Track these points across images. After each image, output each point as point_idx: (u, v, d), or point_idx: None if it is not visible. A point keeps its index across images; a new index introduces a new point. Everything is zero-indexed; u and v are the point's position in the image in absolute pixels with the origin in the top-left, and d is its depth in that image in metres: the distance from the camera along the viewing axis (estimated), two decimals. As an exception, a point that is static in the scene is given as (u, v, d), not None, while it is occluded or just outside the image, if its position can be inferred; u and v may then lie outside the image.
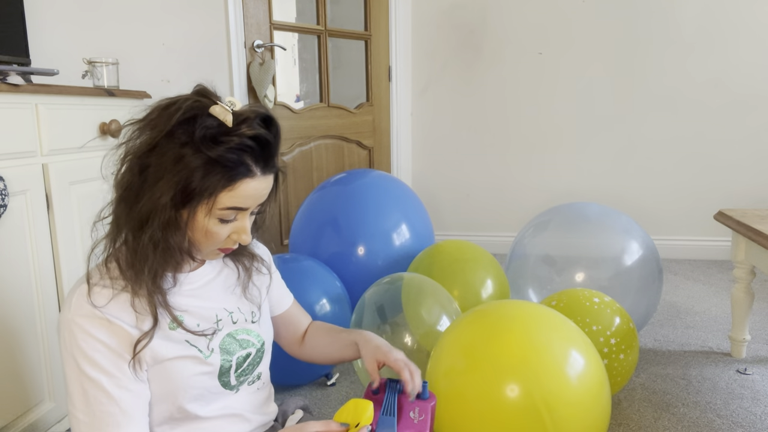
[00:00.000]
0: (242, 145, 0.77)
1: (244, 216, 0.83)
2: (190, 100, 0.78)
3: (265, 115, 0.81)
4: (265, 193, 0.83)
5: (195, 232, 0.81)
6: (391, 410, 0.90)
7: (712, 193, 3.17)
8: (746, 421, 1.61)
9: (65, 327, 0.79)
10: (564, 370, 1.20)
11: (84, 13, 1.86)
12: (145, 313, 0.81)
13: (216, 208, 0.79)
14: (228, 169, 0.77)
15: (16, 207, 1.28)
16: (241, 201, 0.80)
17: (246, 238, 0.83)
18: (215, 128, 0.76)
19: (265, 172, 0.81)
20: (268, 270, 1.03)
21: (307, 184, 2.97)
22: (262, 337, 0.97)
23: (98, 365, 0.78)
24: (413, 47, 3.42)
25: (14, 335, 1.29)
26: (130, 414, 0.80)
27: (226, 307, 0.92)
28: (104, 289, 0.80)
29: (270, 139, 0.80)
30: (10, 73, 1.31)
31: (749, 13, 2.98)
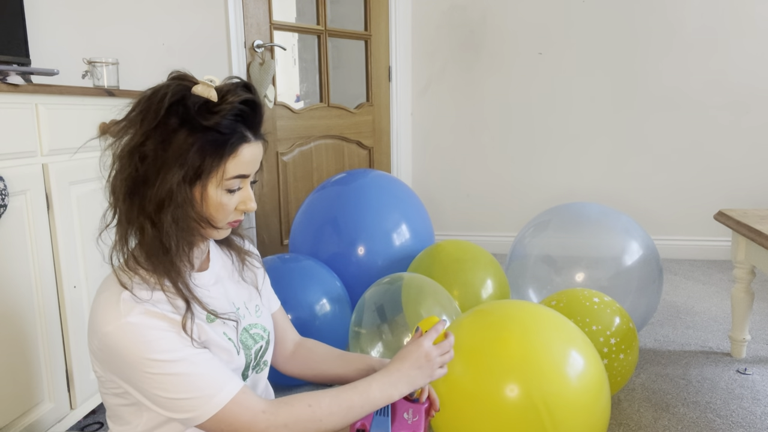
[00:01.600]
0: (235, 111, 0.81)
1: (247, 184, 0.87)
2: (172, 85, 0.80)
3: (245, 82, 0.85)
4: (259, 159, 0.87)
5: (210, 207, 0.84)
6: (386, 411, 0.92)
7: (712, 193, 3.17)
8: (746, 421, 1.61)
9: (122, 334, 0.77)
10: (564, 370, 1.20)
11: (84, 13, 1.86)
12: (178, 300, 0.82)
13: (225, 179, 0.82)
14: (227, 137, 0.81)
15: (16, 207, 1.28)
16: (244, 167, 0.83)
17: (252, 204, 0.87)
18: (204, 104, 0.80)
19: (257, 137, 0.86)
20: (261, 265, 1.06)
21: (307, 184, 2.97)
22: (267, 328, 1.00)
23: (177, 348, 0.78)
24: (413, 47, 3.42)
25: (15, 335, 1.29)
26: (227, 373, 0.82)
27: (234, 302, 0.95)
28: (141, 288, 0.81)
29: (257, 103, 0.84)
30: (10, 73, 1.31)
31: (749, 14, 2.98)
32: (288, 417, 0.82)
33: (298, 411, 0.82)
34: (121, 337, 0.77)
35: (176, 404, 0.78)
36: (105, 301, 0.80)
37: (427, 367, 0.90)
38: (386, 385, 0.88)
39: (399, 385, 0.88)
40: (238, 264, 1.00)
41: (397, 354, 0.92)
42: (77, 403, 1.47)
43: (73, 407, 1.47)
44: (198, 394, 0.78)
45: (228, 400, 0.79)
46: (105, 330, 0.78)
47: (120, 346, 0.77)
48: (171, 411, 0.79)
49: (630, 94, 3.19)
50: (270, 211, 2.80)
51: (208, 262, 0.94)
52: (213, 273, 0.93)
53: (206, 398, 0.78)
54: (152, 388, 0.78)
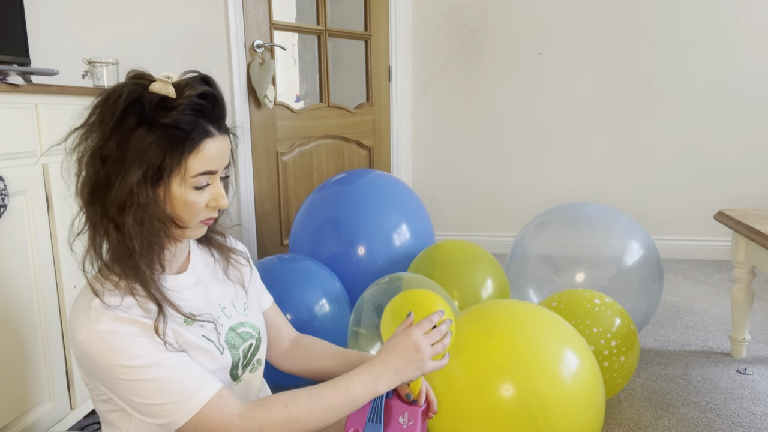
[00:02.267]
0: (193, 105, 0.79)
1: (216, 180, 0.84)
2: (128, 84, 0.79)
3: (203, 75, 0.83)
4: (227, 155, 0.85)
5: (175, 206, 0.82)
6: (378, 417, 0.88)
7: (712, 193, 3.17)
8: (746, 421, 1.61)
9: (93, 342, 0.77)
10: (557, 369, 1.20)
11: (84, 13, 1.86)
12: (150, 304, 0.81)
13: (189, 176, 0.80)
14: (187, 133, 0.79)
15: (16, 207, 1.28)
16: (209, 163, 0.81)
17: (224, 201, 0.85)
18: (162, 101, 0.78)
19: (221, 131, 0.83)
20: (247, 262, 1.04)
21: (307, 184, 2.97)
22: (257, 326, 0.99)
23: (148, 353, 0.77)
24: (413, 47, 3.42)
25: (14, 335, 1.29)
26: (202, 375, 0.80)
27: (219, 302, 0.94)
28: (111, 294, 0.80)
29: (216, 95, 0.82)
30: (10, 73, 1.31)
31: (750, 14, 2.98)
32: (264, 419, 0.80)
33: (275, 413, 0.81)
34: (93, 344, 0.77)
35: (152, 409, 0.78)
36: (77, 309, 0.80)
37: (416, 359, 0.85)
38: (369, 380, 0.84)
39: (384, 379, 0.85)
40: (222, 262, 0.99)
41: (384, 344, 0.89)
42: (77, 403, 1.47)
43: (73, 407, 1.47)
44: (172, 398, 0.77)
45: (202, 404, 0.78)
46: (78, 338, 0.78)
47: (93, 353, 0.77)
48: (148, 416, 0.79)
49: (630, 94, 3.19)
50: (270, 211, 2.80)
51: (188, 263, 0.93)
52: (193, 274, 0.92)
53: (180, 403, 0.78)
54: (128, 394, 0.78)
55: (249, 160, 2.63)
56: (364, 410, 0.89)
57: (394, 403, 0.91)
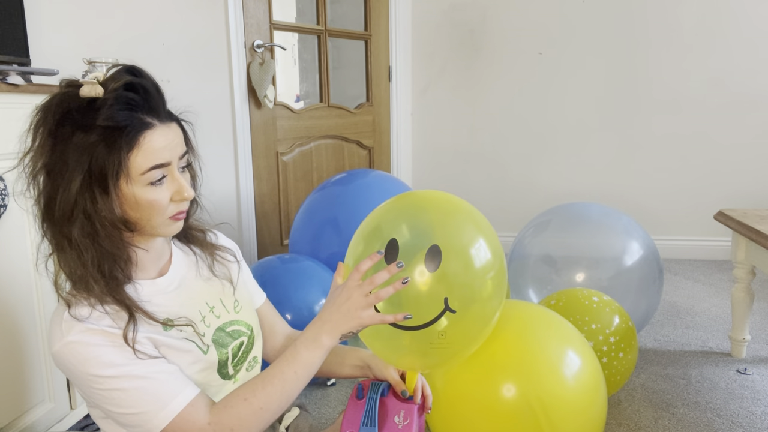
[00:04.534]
0: (120, 98, 0.75)
1: (172, 172, 0.81)
2: (58, 95, 0.78)
3: (129, 66, 0.79)
4: (178, 143, 0.81)
5: (136, 208, 0.79)
6: (372, 420, 0.87)
7: (712, 193, 3.16)
8: (746, 421, 1.61)
9: (66, 353, 0.77)
10: (560, 369, 1.20)
11: (84, 12, 1.86)
12: (121, 314, 0.80)
13: (137, 174, 0.77)
14: (122, 129, 0.75)
15: (16, 207, 1.28)
16: (157, 156, 0.77)
17: (187, 192, 0.81)
18: (91, 102, 0.76)
19: (163, 120, 0.79)
20: (235, 258, 1.02)
21: (307, 184, 2.97)
22: (250, 324, 0.98)
23: (118, 363, 0.77)
24: (413, 47, 3.42)
25: (14, 335, 1.29)
26: (176, 383, 0.79)
27: (207, 301, 0.93)
28: (81, 306, 0.79)
29: (145, 84, 0.78)
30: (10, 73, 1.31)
31: (749, 14, 2.98)
32: (232, 420, 0.80)
33: (238, 410, 0.80)
34: (66, 356, 0.77)
35: (126, 419, 0.78)
36: (52, 321, 0.80)
37: (349, 310, 0.79)
38: (311, 340, 0.82)
39: (323, 335, 0.81)
40: (206, 260, 0.97)
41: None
42: (77, 403, 1.47)
43: (72, 407, 1.47)
44: (144, 408, 0.77)
45: (175, 414, 0.78)
46: (53, 350, 0.78)
47: (66, 365, 0.78)
48: (124, 425, 0.79)
49: (630, 94, 3.18)
50: (270, 211, 2.80)
51: (170, 264, 0.91)
52: (175, 276, 0.91)
53: (153, 413, 0.77)
54: (103, 403, 0.78)
55: (249, 160, 2.63)
56: (359, 413, 0.88)
57: (390, 401, 0.90)
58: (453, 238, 0.85)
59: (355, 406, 0.89)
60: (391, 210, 0.92)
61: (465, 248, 0.84)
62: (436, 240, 0.82)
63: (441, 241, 0.82)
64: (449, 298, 0.81)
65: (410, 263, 0.81)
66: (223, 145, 2.51)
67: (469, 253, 0.84)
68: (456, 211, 0.90)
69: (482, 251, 0.85)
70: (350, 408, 0.90)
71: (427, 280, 0.81)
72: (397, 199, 0.94)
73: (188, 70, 2.28)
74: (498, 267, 0.87)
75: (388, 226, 0.87)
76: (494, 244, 0.88)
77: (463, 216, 0.89)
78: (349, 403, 0.91)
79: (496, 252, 0.88)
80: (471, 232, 0.87)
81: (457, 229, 0.87)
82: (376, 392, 0.90)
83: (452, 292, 0.82)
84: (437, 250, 0.81)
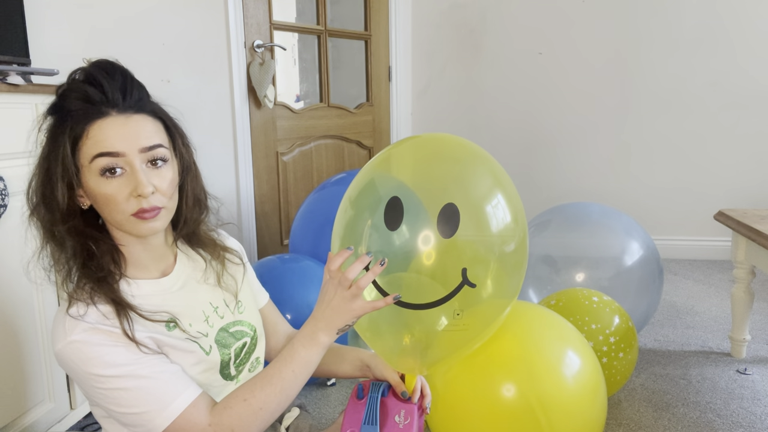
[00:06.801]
0: (75, 89, 0.77)
1: (132, 165, 0.77)
2: (54, 99, 0.80)
3: (103, 61, 0.81)
4: (140, 135, 0.78)
5: (96, 202, 0.80)
6: (374, 418, 0.87)
7: (712, 193, 3.16)
8: (746, 421, 1.61)
9: (69, 352, 0.77)
10: (559, 369, 1.20)
11: (84, 12, 1.86)
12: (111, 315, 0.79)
13: (87, 163, 0.76)
14: (74, 117, 0.76)
15: (16, 207, 1.28)
16: (104, 145, 0.76)
17: (143, 189, 0.77)
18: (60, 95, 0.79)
19: (124, 111, 0.78)
20: (241, 260, 1.02)
21: (307, 184, 2.97)
22: (253, 324, 0.98)
23: (120, 362, 0.77)
24: (413, 47, 3.42)
25: (14, 335, 1.29)
26: (178, 383, 0.80)
27: (211, 301, 0.92)
28: (81, 304, 0.79)
29: (103, 76, 0.78)
30: (10, 73, 1.31)
31: (749, 14, 2.98)
32: (232, 420, 0.80)
33: (238, 411, 0.80)
34: (69, 355, 0.77)
35: (128, 418, 0.78)
36: (55, 320, 0.81)
37: (336, 303, 0.78)
38: (308, 338, 0.81)
39: (319, 332, 0.81)
40: (213, 262, 0.96)
41: None
42: (77, 403, 1.47)
43: (73, 407, 1.47)
44: (146, 408, 0.77)
45: (176, 414, 0.78)
46: (55, 349, 0.79)
47: (69, 364, 0.78)
48: (126, 425, 0.79)
49: (630, 94, 3.18)
50: (270, 211, 2.80)
51: (174, 265, 0.91)
52: (179, 276, 0.91)
53: (155, 413, 0.77)
54: (105, 403, 0.78)
55: (249, 160, 2.63)
56: (360, 413, 0.88)
57: (390, 401, 0.90)
58: (472, 194, 0.68)
59: (356, 406, 0.90)
60: (388, 160, 0.76)
61: (487, 207, 0.68)
62: (450, 197, 0.66)
63: (458, 199, 0.67)
64: (468, 269, 0.69)
65: (418, 226, 0.67)
66: (223, 145, 2.51)
67: (493, 213, 0.68)
68: (473, 159, 0.71)
69: (506, 212, 0.69)
70: (351, 408, 0.90)
71: (442, 247, 0.67)
72: (394, 147, 0.77)
73: (188, 70, 2.28)
74: (522, 233, 0.74)
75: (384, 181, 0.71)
76: (517, 204, 0.74)
77: (482, 166, 0.71)
78: (349, 403, 0.92)
79: (519, 213, 0.73)
80: (492, 187, 0.70)
81: (477, 182, 0.70)
82: (377, 392, 0.90)
83: (472, 262, 0.68)
84: (454, 211, 0.67)
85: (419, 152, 0.74)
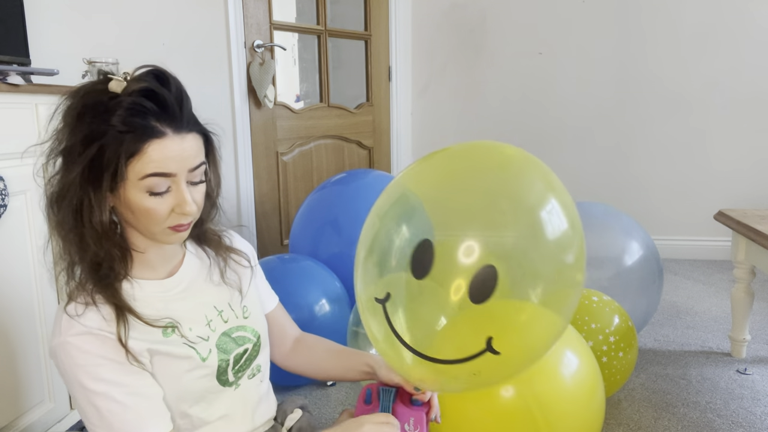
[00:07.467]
0: (134, 104, 0.74)
1: (179, 184, 0.78)
2: (90, 83, 0.78)
3: (155, 70, 0.78)
4: (191, 155, 0.78)
5: (132, 213, 0.78)
6: None
7: (712, 193, 3.16)
8: (746, 421, 1.61)
9: (60, 351, 0.77)
10: (557, 369, 1.20)
11: (84, 13, 1.86)
12: (113, 317, 0.79)
13: (136, 179, 0.75)
14: (131, 133, 0.73)
15: (16, 207, 1.28)
16: (159, 165, 0.75)
17: (188, 208, 0.78)
18: (109, 100, 0.75)
19: (179, 130, 0.77)
20: (249, 263, 1.01)
21: (307, 184, 2.97)
22: (257, 331, 0.96)
23: (102, 378, 0.76)
24: (413, 47, 3.42)
25: (14, 335, 1.29)
26: (147, 416, 0.79)
27: (215, 305, 0.91)
28: (78, 302, 0.79)
29: (164, 93, 0.76)
30: (10, 73, 1.31)
31: (750, 14, 2.98)
32: None
33: None
34: (60, 354, 0.77)
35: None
36: (57, 313, 0.81)
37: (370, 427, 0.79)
38: None
39: None
40: (219, 263, 0.95)
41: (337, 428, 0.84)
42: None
43: (73, 407, 1.47)
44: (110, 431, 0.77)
45: None
46: (51, 344, 0.79)
47: (58, 363, 0.78)
48: None
49: (630, 94, 3.18)
50: (270, 211, 2.80)
51: (181, 265, 0.90)
52: (184, 277, 0.89)
53: None
54: (80, 412, 0.79)
55: (249, 160, 2.63)
56: None
57: (399, 409, 0.88)
58: (523, 259, 0.56)
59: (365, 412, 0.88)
60: (431, 184, 0.62)
61: (538, 280, 0.56)
62: (493, 259, 0.55)
63: (502, 263, 0.55)
64: (494, 338, 0.60)
65: (448, 284, 0.57)
66: (223, 145, 2.50)
67: (544, 288, 0.57)
68: (539, 203, 0.59)
69: (560, 282, 0.58)
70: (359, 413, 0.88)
71: (469, 313, 0.58)
72: (442, 162, 0.63)
73: (188, 70, 2.28)
74: (564, 324, 0.64)
75: (421, 222, 0.59)
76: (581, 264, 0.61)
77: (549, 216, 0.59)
78: (357, 407, 0.91)
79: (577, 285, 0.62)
80: (552, 246, 0.57)
81: (537, 244, 0.56)
82: (388, 400, 0.89)
83: (500, 332, 0.60)
84: (492, 276, 0.56)
85: (477, 178, 0.60)
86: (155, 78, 0.77)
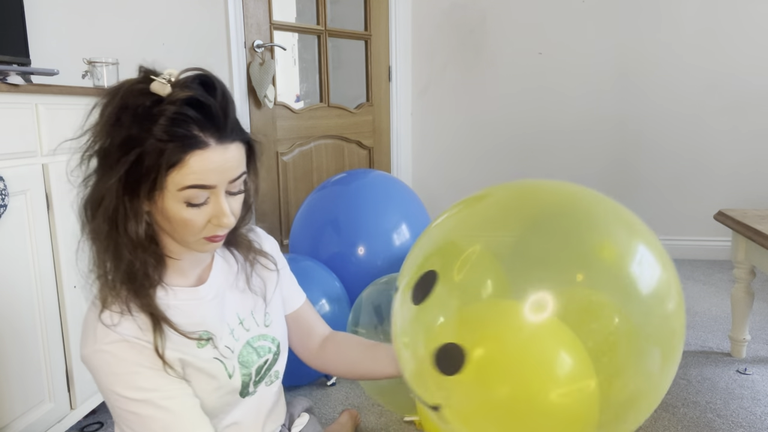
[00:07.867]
0: (179, 113, 0.70)
1: (218, 196, 0.75)
2: (131, 81, 0.74)
3: (204, 77, 0.74)
4: (232, 166, 0.75)
5: (169, 222, 0.76)
6: None
7: (712, 193, 3.16)
8: (746, 421, 1.61)
9: (95, 360, 0.76)
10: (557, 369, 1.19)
11: (84, 13, 1.86)
12: (148, 326, 0.77)
13: (175, 190, 0.72)
14: (173, 143, 0.70)
15: (16, 207, 1.28)
16: (200, 177, 0.72)
17: (226, 220, 0.76)
18: (152, 105, 0.71)
19: (222, 141, 0.73)
20: (275, 265, 0.97)
21: (307, 184, 2.97)
22: (277, 339, 0.95)
23: (140, 387, 0.75)
24: (413, 47, 3.42)
25: (14, 335, 1.29)
26: (188, 418, 0.78)
27: (238, 313, 0.89)
28: (114, 310, 0.77)
29: (210, 102, 0.72)
30: (10, 73, 1.31)
31: (750, 14, 2.98)
32: None
33: None
34: (95, 363, 0.76)
35: None
36: (87, 320, 0.79)
37: None
38: None
39: None
40: (246, 269, 0.92)
41: None
42: (77, 403, 1.47)
43: (73, 407, 1.47)
44: None
45: None
46: (83, 352, 0.77)
47: (94, 371, 0.77)
48: None
49: (630, 94, 3.18)
50: (270, 211, 2.80)
51: (210, 271, 0.88)
52: (213, 285, 0.87)
53: None
54: (119, 420, 0.78)
55: (249, 160, 2.63)
56: None
57: None
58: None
59: None
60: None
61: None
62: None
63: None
64: None
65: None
66: (223, 145, 2.51)
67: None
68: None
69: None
70: None
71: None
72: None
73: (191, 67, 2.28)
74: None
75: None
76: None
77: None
78: None
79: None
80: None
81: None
82: None
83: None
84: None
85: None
86: (201, 85, 0.73)
